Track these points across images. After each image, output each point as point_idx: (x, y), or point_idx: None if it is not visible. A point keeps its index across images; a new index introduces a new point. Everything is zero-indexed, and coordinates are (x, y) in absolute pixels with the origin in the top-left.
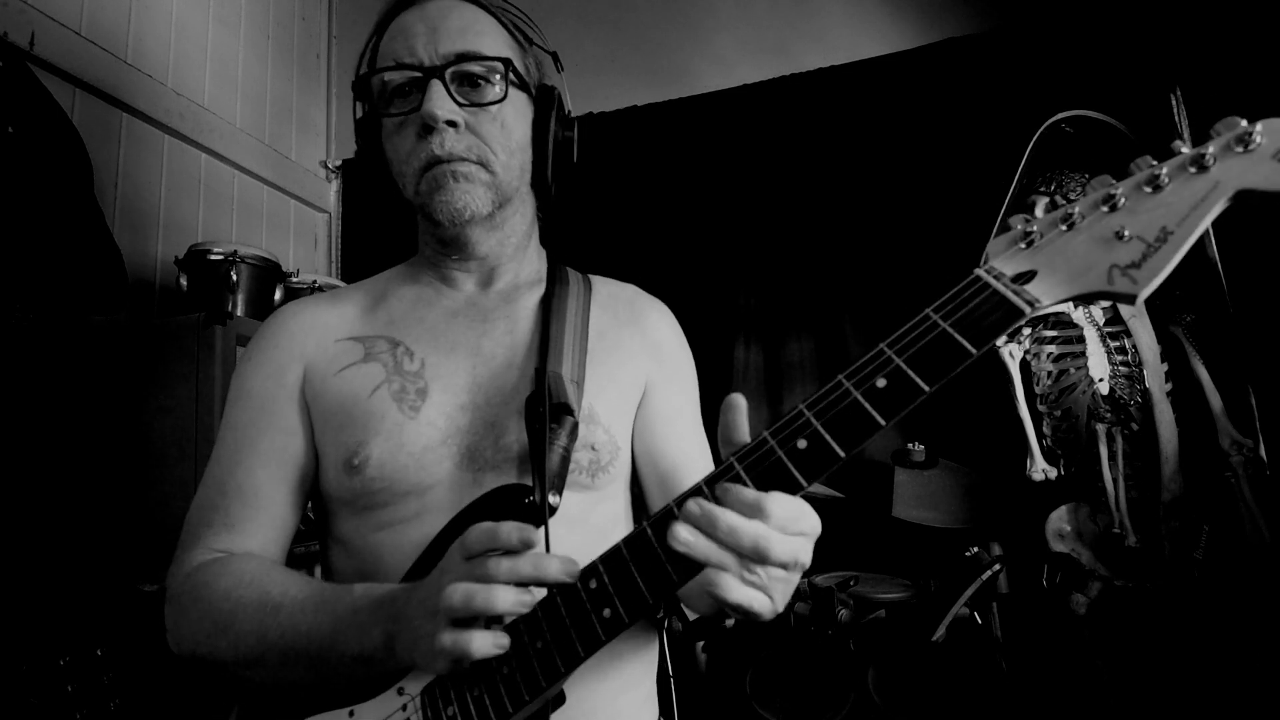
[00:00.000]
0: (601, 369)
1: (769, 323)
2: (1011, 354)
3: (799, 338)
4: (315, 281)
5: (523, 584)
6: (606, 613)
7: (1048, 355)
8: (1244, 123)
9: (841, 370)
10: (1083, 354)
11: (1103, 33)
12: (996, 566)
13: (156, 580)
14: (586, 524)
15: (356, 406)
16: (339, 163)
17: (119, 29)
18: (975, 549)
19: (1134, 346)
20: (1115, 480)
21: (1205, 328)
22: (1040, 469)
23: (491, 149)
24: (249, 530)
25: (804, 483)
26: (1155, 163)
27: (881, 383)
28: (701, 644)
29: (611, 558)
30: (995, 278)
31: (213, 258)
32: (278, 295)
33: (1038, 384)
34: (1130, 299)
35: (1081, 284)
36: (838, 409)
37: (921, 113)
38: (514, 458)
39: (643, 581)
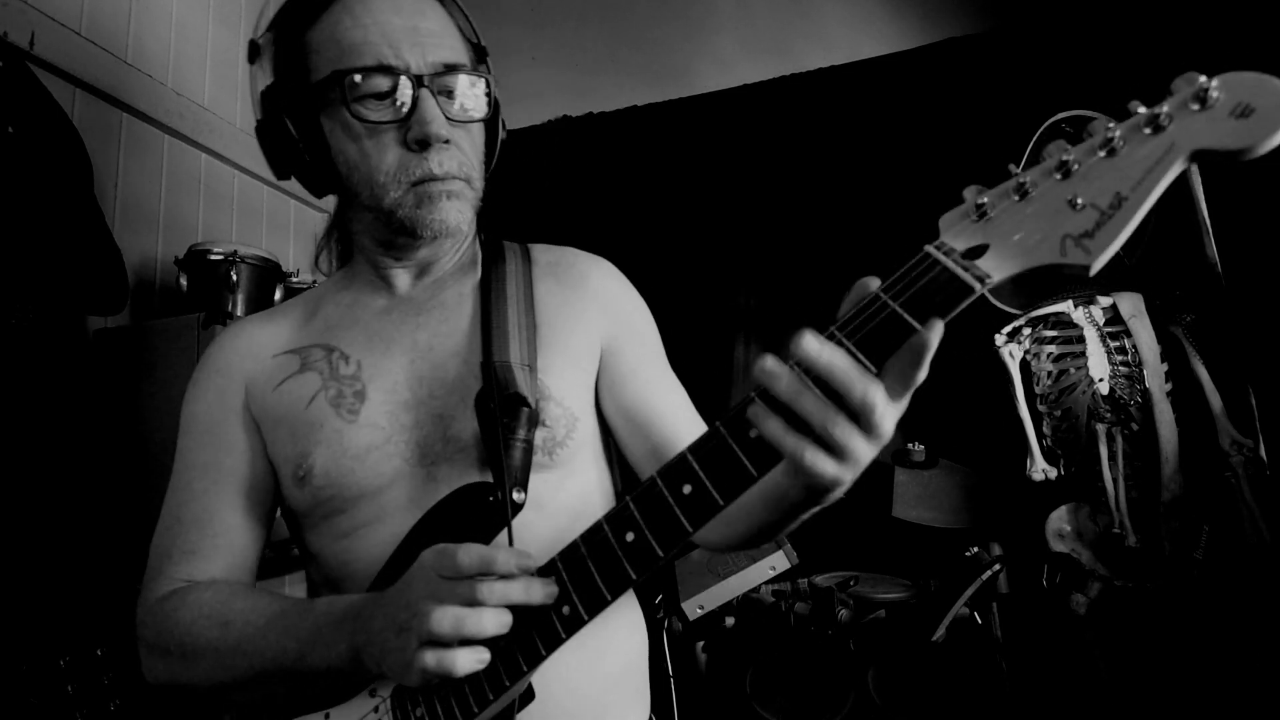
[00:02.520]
0: (553, 343)
1: (769, 323)
2: (1011, 354)
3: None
4: (315, 282)
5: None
6: (565, 610)
7: (1048, 355)
8: (1202, 78)
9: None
10: (1083, 354)
11: (1103, 33)
12: (996, 566)
13: None
14: (554, 503)
15: (297, 419)
16: None
17: (119, 29)
18: (975, 549)
19: (1134, 346)
20: (1115, 480)
21: (1205, 328)
22: (1040, 469)
23: (473, 164)
24: (210, 556)
25: (755, 474)
26: (1112, 124)
27: None
28: (701, 644)
29: (570, 553)
30: (945, 254)
31: (213, 258)
32: (278, 295)
33: (1038, 384)
34: (1084, 270)
35: (1034, 257)
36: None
37: (921, 113)
38: (466, 448)
39: (599, 576)
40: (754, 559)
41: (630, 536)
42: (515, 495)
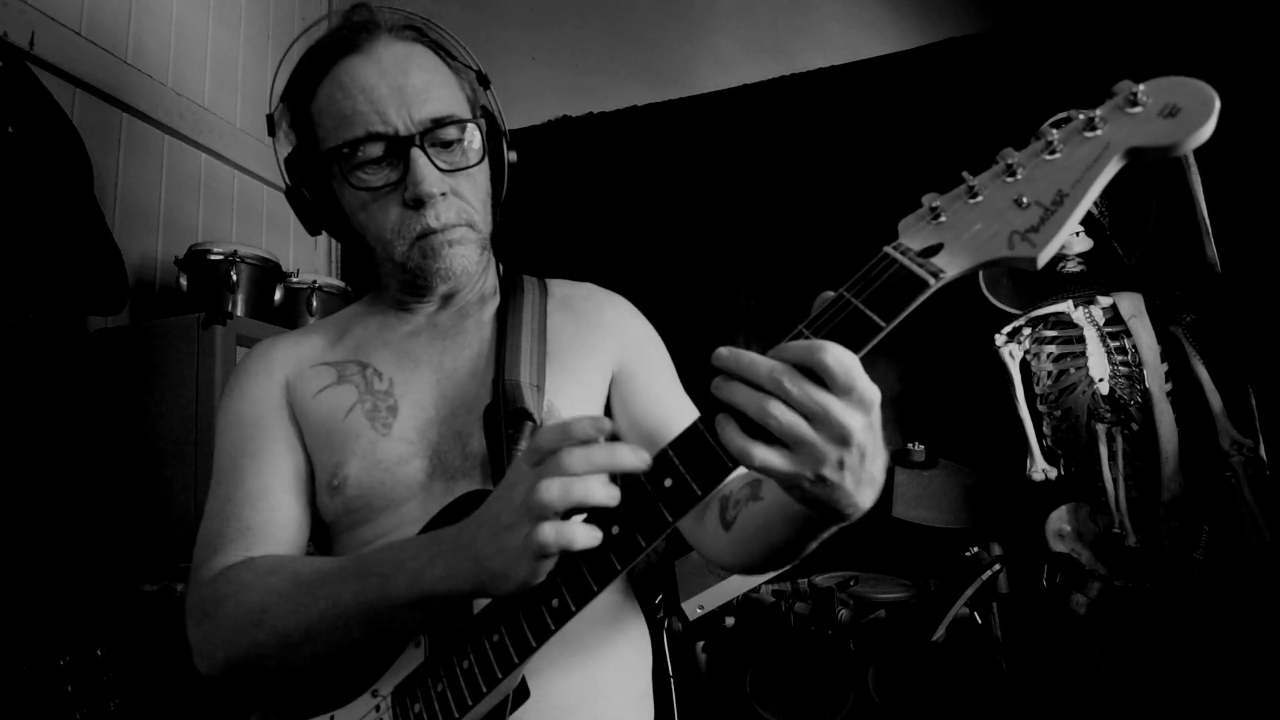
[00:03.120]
0: (561, 367)
1: (769, 323)
2: (1011, 354)
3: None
4: (315, 281)
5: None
6: (554, 602)
7: (1048, 355)
8: (1133, 85)
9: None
10: (1083, 354)
11: (1102, 33)
12: (996, 566)
13: (157, 580)
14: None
15: (335, 428)
16: None
17: (119, 29)
18: (975, 549)
19: (1134, 346)
20: (1115, 480)
21: (1205, 328)
22: (1040, 469)
23: (474, 208)
24: (268, 532)
25: (729, 464)
26: (1052, 130)
27: None
28: (701, 644)
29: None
30: (902, 253)
31: (213, 258)
32: (278, 295)
33: (1038, 384)
34: (1031, 263)
35: (984, 252)
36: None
37: (921, 113)
38: (481, 463)
39: (586, 567)
40: None
41: (615, 530)
42: None
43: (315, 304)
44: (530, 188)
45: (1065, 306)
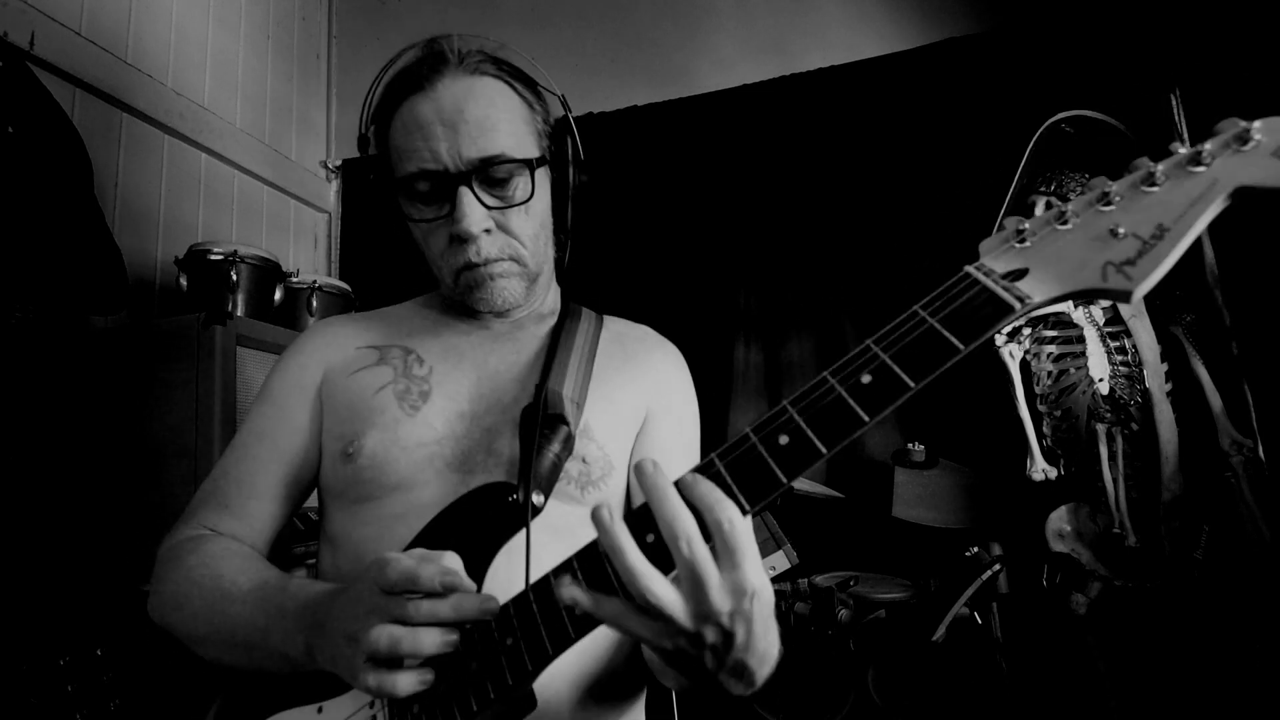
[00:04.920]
0: (602, 392)
1: (769, 323)
2: (1011, 354)
3: (799, 338)
4: (315, 282)
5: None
6: (578, 610)
7: (1048, 355)
8: (1242, 122)
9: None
10: (1083, 354)
11: (1102, 33)
12: (996, 566)
13: None
14: (574, 537)
15: (362, 402)
16: (339, 163)
17: (119, 29)
18: (975, 549)
19: (1134, 346)
20: (1115, 480)
21: (1205, 328)
22: (1040, 469)
23: (522, 243)
24: (239, 515)
25: (784, 479)
26: (1151, 162)
27: (867, 379)
28: None
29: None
30: (985, 274)
31: (213, 258)
32: (278, 295)
33: (1038, 384)
34: (1125, 296)
35: (1075, 281)
36: (822, 405)
37: (921, 113)
38: (504, 463)
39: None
40: None
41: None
42: (535, 497)
43: (315, 304)
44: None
45: (1065, 306)
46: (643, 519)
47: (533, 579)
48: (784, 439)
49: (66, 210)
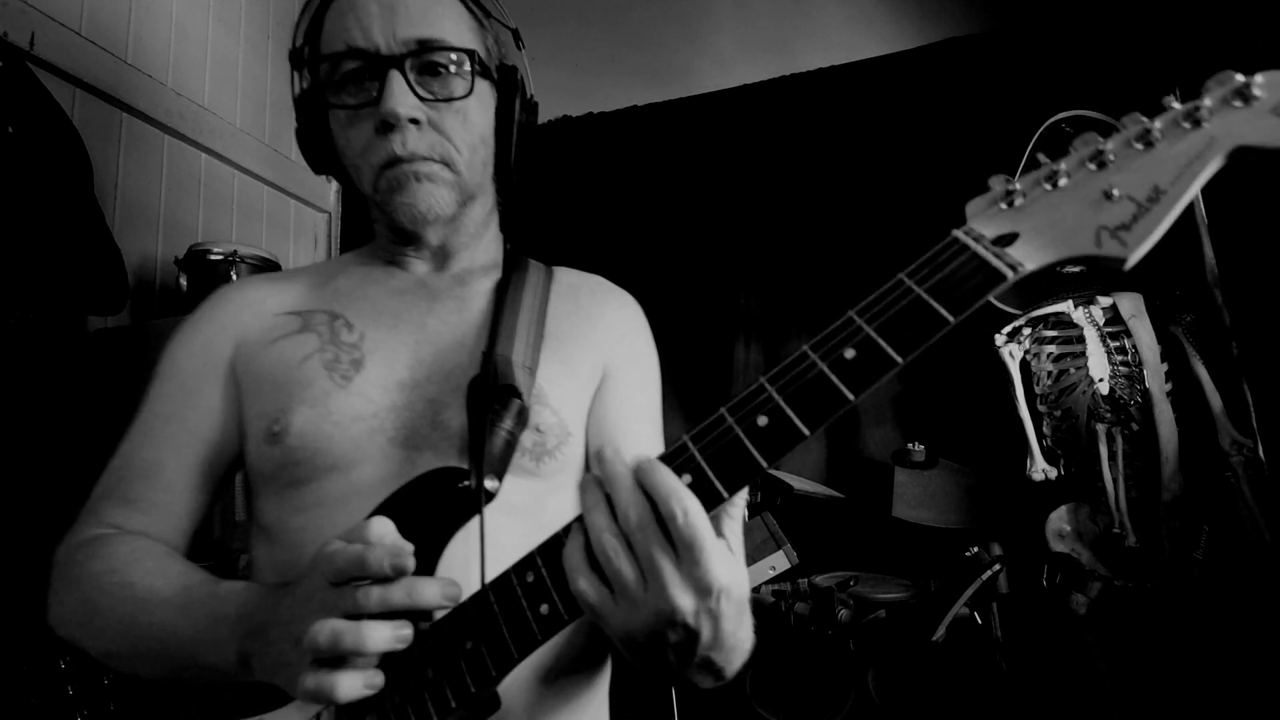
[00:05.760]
0: (556, 355)
1: (769, 323)
2: (1011, 354)
3: (799, 337)
4: None
5: (396, 613)
6: (544, 609)
7: (1048, 355)
8: (1240, 76)
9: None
10: (1083, 354)
11: (1102, 33)
12: (996, 566)
13: None
14: (533, 515)
15: (285, 375)
16: None
17: (119, 29)
18: (975, 549)
19: (1134, 346)
20: (1115, 480)
21: (1205, 328)
22: (1040, 469)
23: (455, 146)
24: (147, 510)
25: (763, 462)
26: (1145, 119)
27: (850, 353)
28: None
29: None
30: (974, 239)
31: (213, 258)
32: None
33: (1038, 384)
34: (1120, 263)
35: (1068, 247)
36: (802, 382)
37: (921, 113)
38: (452, 436)
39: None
40: (754, 559)
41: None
42: (488, 483)
43: None
44: (530, 187)
45: (1065, 306)
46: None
47: (492, 572)
48: (763, 420)
49: (66, 210)
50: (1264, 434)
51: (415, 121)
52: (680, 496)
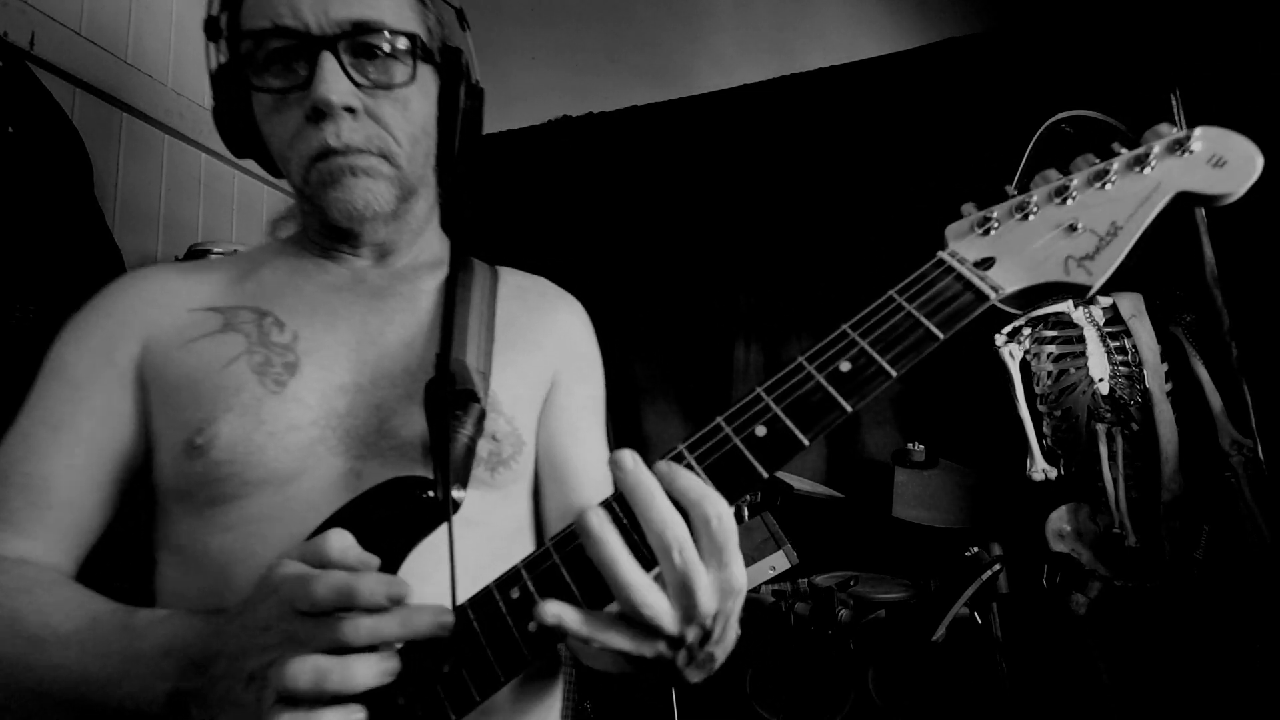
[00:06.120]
0: (507, 358)
1: (769, 323)
2: (1011, 354)
3: (799, 338)
4: None
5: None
6: (533, 627)
7: (1048, 355)
8: (1176, 131)
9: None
10: (1083, 354)
11: (1102, 33)
12: (996, 566)
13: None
14: (487, 527)
15: (207, 380)
16: None
17: (119, 29)
18: (975, 549)
19: (1134, 346)
20: (1115, 480)
21: (1205, 328)
22: (1040, 469)
23: (395, 138)
24: (31, 532)
25: (764, 472)
26: (1097, 160)
27: (846, 366)
28: None
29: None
30: (959, 262)
31: (213, 258)
32: None
33: (1038, 384)
34: (1084, 290)
35: (1040, 273)
36: (800, 393)
37: (921, 113)
38: (402, 445)
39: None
40: (754, 559)
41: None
42: (456, 493)
43: None
44: (530, 187)
45: (1065, 306)
46: (614, 516)
47: (467, 590)
48: (761, 430)
49: (66, 210)
50: (1263, 434)
51: (350, 110)
52: (714, 500)
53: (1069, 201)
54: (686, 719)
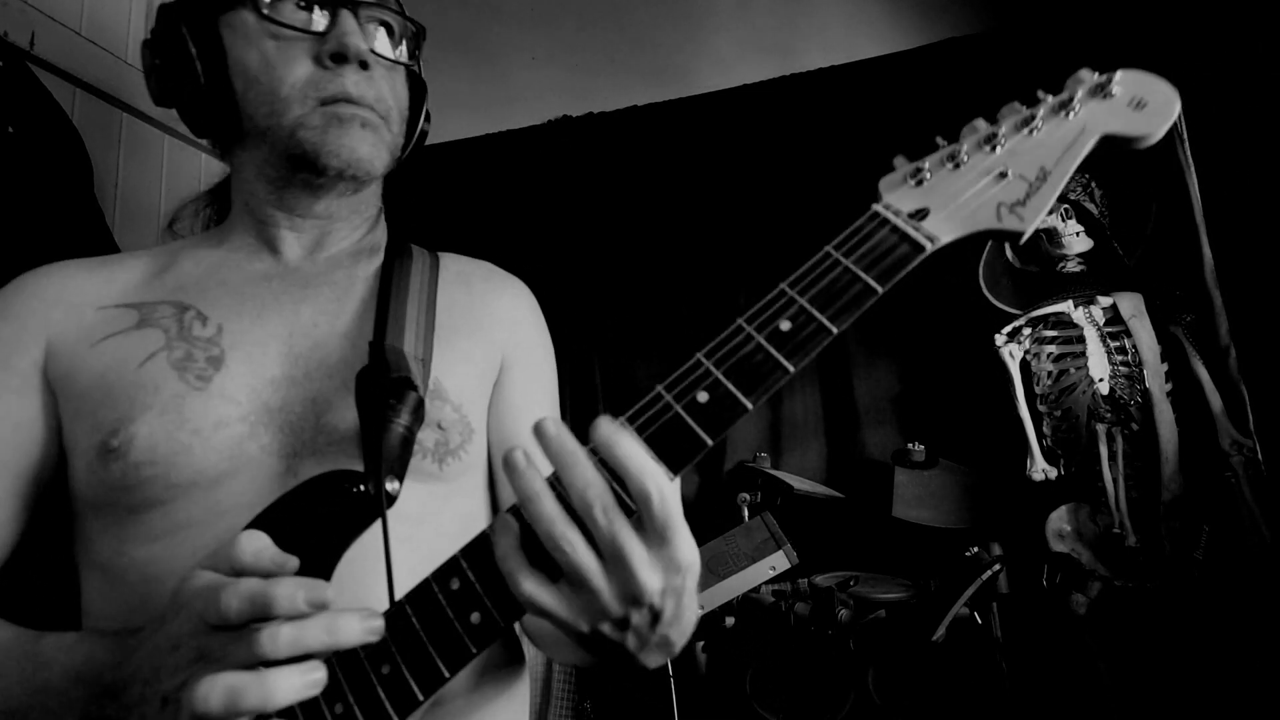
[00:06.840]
0: (451, 345)
1: None
2: (1011, 354)
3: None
4: None
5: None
6: (475, 618)
7: (1048, 355)
8: (1097, 75)
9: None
10: (1083, 354)
11: (1103, 33)
12: (996, 566)
13: None
14: (435, 524)
15: (121, 379)
16: None
17: (119, 29)
18: (975, 549)
19: (1134, 346)
20: (1115, 480)
21: (1205, 328)
22: (1040, 469)
23: (393, 108)
24: None
25: (708, 439)
26: (1023, 107)
27: (786, 325)
28: (701, 644)
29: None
30: (894, 214)
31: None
32: None
33: (1038, 384)
34: (1018, 236)
35: (974, 221)
36: (740, 355)
37: (921, 113)
38: (340, 440)
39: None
40: (754, 559)
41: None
42: (388, 484)
43: None
44: (530, 187)
45: (1065, 306)
46: (550, 485)
47: (404, 585)
48: (703, 396)
49: (67, 210)
50: (1263, 434)
51: (365, 66)
52: (655, 475)
53: (998, 149)
54: (686, 719)
